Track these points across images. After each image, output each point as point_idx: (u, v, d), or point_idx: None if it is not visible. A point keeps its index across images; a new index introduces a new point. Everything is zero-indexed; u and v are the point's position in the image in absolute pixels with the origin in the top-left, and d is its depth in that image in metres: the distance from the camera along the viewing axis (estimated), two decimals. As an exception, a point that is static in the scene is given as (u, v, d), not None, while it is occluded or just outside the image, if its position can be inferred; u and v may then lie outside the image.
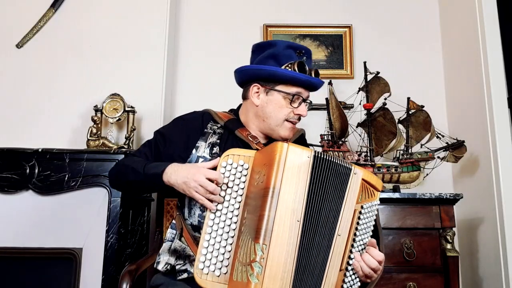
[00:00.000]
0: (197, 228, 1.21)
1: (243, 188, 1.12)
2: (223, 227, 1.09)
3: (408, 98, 2.17)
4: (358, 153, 2.11)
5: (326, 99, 2.22)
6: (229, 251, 1.06)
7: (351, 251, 1.12)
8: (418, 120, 2.13)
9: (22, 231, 1.96)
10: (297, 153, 1.08)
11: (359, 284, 1.15)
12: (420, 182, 2.08)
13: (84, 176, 1.98)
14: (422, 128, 2.12)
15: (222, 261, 1.06)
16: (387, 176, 2.05)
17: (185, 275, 1.19)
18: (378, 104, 2.18)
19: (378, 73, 2.19)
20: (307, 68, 1.31)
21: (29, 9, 2.36)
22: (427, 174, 2.10)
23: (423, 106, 2.13)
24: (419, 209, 1.89)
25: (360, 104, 2.30)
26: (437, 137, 2.11)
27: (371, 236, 1.18)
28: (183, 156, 1.30)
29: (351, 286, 1.13)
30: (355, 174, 1.15)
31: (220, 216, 1.10)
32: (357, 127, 2.25)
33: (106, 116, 2.15)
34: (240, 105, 1.46)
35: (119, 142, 2.20)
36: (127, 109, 2.16)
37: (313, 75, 1.33)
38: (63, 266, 1.99)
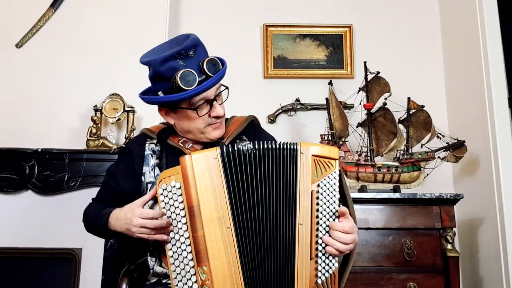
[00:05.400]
0: None
1: (183, 208, 1.05)
2: (181, 253, 1.05)
3: (409, 98, 2.17)
4: (359, 153, 2.11)
5: (326, 99, 2.21)
6: (194, 274, 1.02)
7: (317, 236, 1.04)
8: (418, 120, 2.13)
9: (21, 231, 1.96)
10: (203, 159, 1.03)
11: (336, 265, 1.07)
12: (421, 182, 2.08)
13: (84, 176, 1.98)
14: (423, 128, 2.12)
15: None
16: (387, 176, 2.04)
17: None
18: (379, 104, 2.18)
19: (378, 73, 2.19)
20: (193, 76, 1.16)
21: (28, 9, 2.35)
22: (427, 174, 2.09)
23: (423, 106, 2.13)
24: (420, 209, 1.89)
25: (360, 104, 2.30)
26: (438, 137, 2.11)
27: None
28: (136, 186, 1.27)
29: (327, 271, 1.05)
30: (302, 153, 1.06)
31: (175, 244, 1.06)
32: (357, 127, 2.25)
33: (106, 116, 2.14)
34: None
35: (119, 142, 2.20)
36: (126, 109, 2.16)
37: (205, 66, 1.17)
38: (63, 267, 1.99)
